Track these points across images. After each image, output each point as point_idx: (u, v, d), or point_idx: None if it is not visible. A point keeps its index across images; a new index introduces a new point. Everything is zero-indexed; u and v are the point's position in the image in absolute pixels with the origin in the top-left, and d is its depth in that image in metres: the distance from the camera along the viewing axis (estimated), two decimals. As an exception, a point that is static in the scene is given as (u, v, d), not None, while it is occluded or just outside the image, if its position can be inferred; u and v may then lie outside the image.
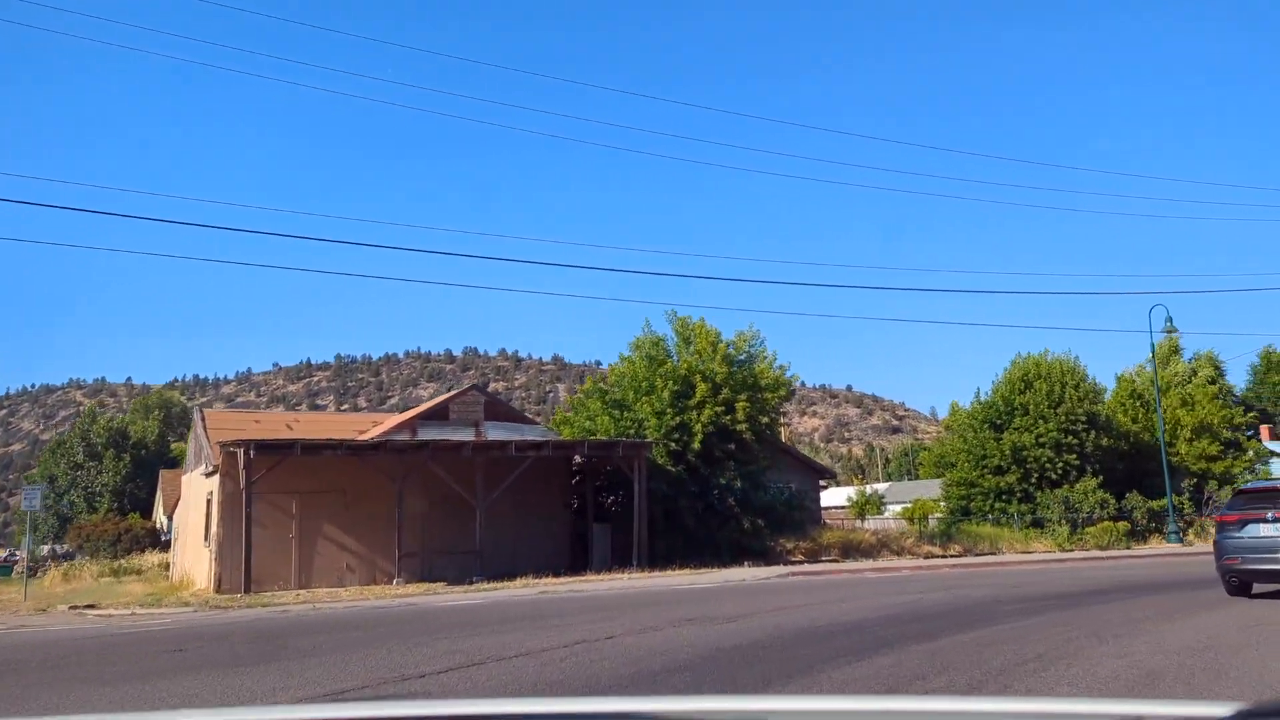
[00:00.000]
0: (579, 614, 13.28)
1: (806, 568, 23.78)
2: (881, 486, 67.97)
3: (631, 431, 27.20)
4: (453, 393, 32.29)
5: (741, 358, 29.52)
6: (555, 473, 27.15)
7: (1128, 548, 29.31)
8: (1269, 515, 12.71)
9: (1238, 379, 55.18)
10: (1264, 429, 52.83)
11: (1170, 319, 30.46)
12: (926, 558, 27.79)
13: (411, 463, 23.25)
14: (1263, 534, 12.70)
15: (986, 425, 36.79)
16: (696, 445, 26.66)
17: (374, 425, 31.07)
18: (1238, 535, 13.03)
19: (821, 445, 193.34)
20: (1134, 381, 40.93)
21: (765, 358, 29.45)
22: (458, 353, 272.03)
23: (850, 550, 28.45)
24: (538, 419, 45.16)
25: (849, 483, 79.96)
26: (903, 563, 25.04)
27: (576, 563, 25.93)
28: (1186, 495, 35.05)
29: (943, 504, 38.89)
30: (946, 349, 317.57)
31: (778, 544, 27.95)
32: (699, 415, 27.02)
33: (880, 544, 29.41)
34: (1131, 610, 12.10)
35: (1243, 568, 12.95)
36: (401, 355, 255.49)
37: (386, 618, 14.29)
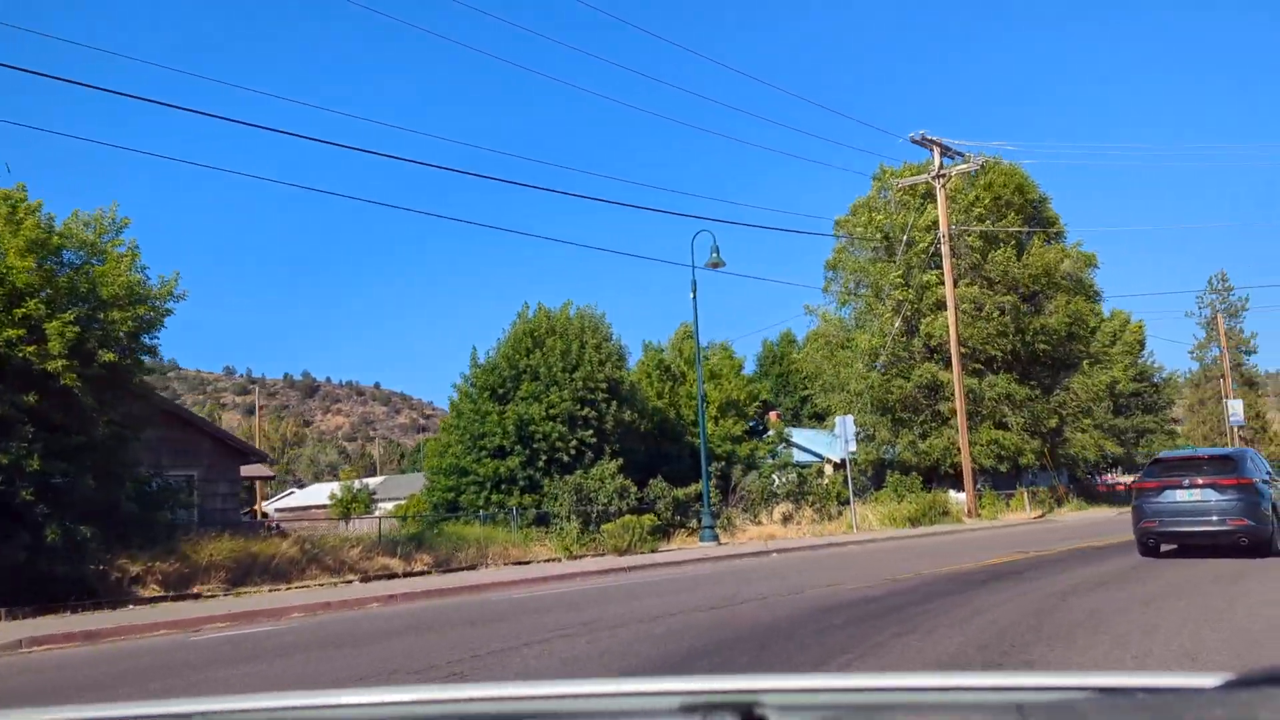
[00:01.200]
0: None
1: (113, 618, 12.58)
2: (373, 481, 56.88)
3: None
4: None
5: (79, 254, 17.33)
6: None
7: (653, 550, 21.83)
8: (1185, 482, 13.63)
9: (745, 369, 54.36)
10: (772, 414, 51.91)
11: (717, 249, 23.98)
12: (365, 579, 17.80)
13: None
14: (1179, 499, 13.64)
15: (488, 394, 28.06)
16: (-61, 392, 14.07)
17: None
18: (1156, 500, 13.90)
19: (345, 443, 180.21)
20: (661, 353, 35.06)
21: (121, 256, 17.51)
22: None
23: (253, 570, 17.57)
24: None
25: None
26: (315, 596, 14.80)
27: None
28: (714, 482, 29.23)
29: (428, 499, 29.52)
30: (472, 336, 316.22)
31: (116, 567, 16.22)
32: (-41, 340, 14.47)
33: (309, 559, 18.92)
34: None
35: (1160, 530, 13.97)
36: None
37: None
